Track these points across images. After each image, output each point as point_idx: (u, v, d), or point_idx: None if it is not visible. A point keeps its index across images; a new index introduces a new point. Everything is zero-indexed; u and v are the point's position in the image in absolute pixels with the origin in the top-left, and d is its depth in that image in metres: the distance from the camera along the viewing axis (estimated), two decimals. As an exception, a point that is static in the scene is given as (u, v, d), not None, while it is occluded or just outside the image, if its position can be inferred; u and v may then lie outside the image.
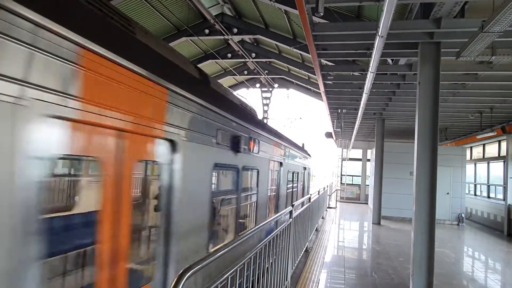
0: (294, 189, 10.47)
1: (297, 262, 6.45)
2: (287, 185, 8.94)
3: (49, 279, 1.95)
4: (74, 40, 1.78)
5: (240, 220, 5.09)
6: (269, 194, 6.80)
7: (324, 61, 10.29)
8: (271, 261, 4.00)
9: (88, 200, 2.25)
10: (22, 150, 1.55)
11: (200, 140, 3.38)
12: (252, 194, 5.76)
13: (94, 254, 2.13)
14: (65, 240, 2.12)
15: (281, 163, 7.94)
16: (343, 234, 11.77)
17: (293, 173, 9.94)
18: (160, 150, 2.78)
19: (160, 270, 2.82)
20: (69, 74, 1.78)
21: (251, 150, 5.26)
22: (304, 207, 6.77)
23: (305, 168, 13.07)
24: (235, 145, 4.36)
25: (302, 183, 12.59)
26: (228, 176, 4.67)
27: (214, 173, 3.86)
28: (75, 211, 2.22)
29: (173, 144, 2.88)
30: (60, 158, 1.95)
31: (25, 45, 1.54)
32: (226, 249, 2.43)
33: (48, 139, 1.69)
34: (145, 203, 2.78)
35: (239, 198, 4.93)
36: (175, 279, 1.81)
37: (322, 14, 4.36)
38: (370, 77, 6.95)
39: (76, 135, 1.93)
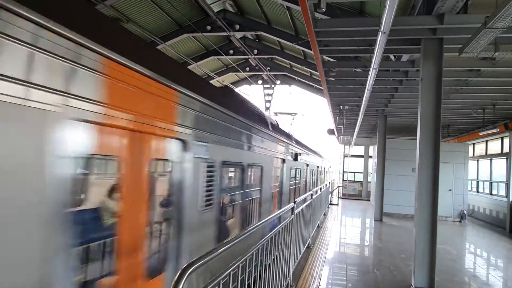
0: (324, 175, 21.49)
1: (299, 258, 6.47)
2: (323, 175, 20.64)
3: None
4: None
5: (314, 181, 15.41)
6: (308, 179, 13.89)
7: (326, 58, 10.25)
8: (273, 257, 4.01)
9: None
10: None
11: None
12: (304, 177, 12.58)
13: None
14: None
15: (318, 166, 16.13)
16: (345, 231, 11.78)
17: (324, 171, 20.56)
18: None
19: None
20: None
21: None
22: (305, 203, 6.78)
23: (330, 167, 26.19)
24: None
25: (325, 174, 22.90)
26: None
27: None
28: None
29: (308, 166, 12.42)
30: None
31: None
32: (228, 246, 2.43)
33: None
34: None
35: (307, 179, 13.02)
36: (177, 275, 1.81)
37: (324, 10, 4.34)
38: (372, 73, 6.91)
39: None
